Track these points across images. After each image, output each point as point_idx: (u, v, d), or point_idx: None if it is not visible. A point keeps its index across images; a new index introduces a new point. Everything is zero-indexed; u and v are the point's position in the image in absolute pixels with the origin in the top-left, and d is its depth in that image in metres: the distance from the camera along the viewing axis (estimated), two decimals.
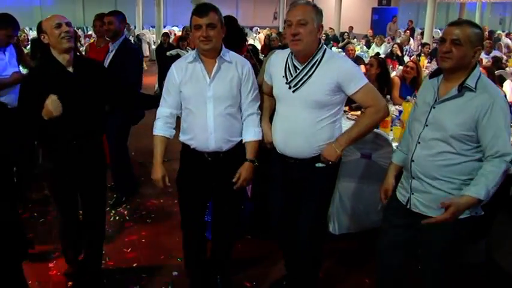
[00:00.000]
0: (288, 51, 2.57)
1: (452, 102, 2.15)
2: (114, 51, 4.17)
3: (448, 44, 2.10)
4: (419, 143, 2.26)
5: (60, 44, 2.57)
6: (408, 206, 2.34)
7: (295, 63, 2.49)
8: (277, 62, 2.59)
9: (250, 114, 2.68)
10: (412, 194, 2.32)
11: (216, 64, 2.55)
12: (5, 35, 3.90)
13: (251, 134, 2.67)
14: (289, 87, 2.48)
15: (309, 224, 2.66)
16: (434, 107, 2.21)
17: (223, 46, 2.60)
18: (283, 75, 2.52)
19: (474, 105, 2.07)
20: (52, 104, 2.49)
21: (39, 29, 2.71)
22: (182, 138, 2.69)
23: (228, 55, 2.60)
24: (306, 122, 2.48)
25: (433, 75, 2.30)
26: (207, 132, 2.57)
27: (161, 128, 2.67)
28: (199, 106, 2.57)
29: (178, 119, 2.73)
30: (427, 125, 2.23)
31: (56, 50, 2.61)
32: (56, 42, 2.57)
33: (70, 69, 2.64)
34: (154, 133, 2.69)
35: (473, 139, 2.11)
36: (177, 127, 2.72)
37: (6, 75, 3.87)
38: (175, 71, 2.62)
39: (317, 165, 2.54)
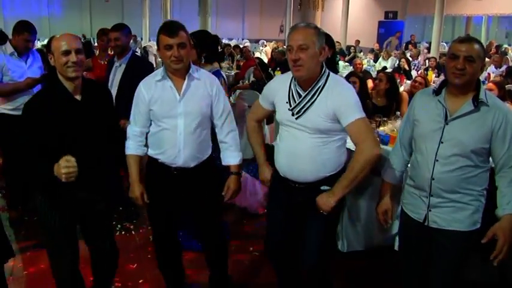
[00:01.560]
0: (289, 75, 2.50)
1: (468, 117, 2.18)
2: (124, 66, 4.07)
3: (461, 61, 2.12)
4: (437, 160, 2.23)
5: (65, 72, 2.34)
6: (426, 223, 2.34)
7: (298, 90, 2.41)
8: (279, 88, 2.51)
9: (229, 132, 2.74)
10: (430, 210, 2.31)
11: (186, 81, 2.57)
12: (23, 39, 3.98)
13: (236, 159, 2.76)
14: (292, 114, 2.42)
15: (316, 248, 2.58)
16: (447, 124, 2.21)
17: (191, 64, 2.62)
18: (287, 101, 2.44)
19: (490, 119, 2.15)
20: (66, 169, 2.19)
21: (48, 48, 2.48)
22: (150, 152, 2.70)
23: (196, 73, 2.62)
24: (309, 147, 2.41)
25: (438, 91, 2.29)
26: (176, 149, 2.60)
27: (133, 147, 2.69)
28: (171, 123, 2.58)
29: None
30: (442, 142, 2.22)
31: (61, 75, 2.39)
32: (61, 69, 2.35)
33: (78, 96, 2.42)
34: (126, 153, 2.69)
35: (487, 151, 2.20)
36: None
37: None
38: (143, 89, 2.62)
39: (322, 188, 2.45)
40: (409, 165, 2.54)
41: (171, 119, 2.58)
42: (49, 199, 2.48)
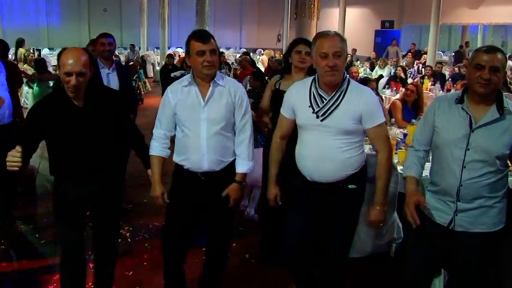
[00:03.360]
0: (308, 81, 2.65)
1: (494, 125, 2.26)
2: (116, 73, 4.25)
3: (487, 71, 2.19)
4: (464, 167, 2.31)
5: (67, 89, 2.48)
6: (451, 227, 2.40)
7: (321, 93, 2.55)
8: (299, 93, 2.65)
9: (243, 140, 2.77)
10: (456, 215, 2.39)
11: (211, 88, 2.65)
12: None
13: (244, 167, 2.78)
14: (317, 117, 2.53)
15: (342, 246, 2.74)
16: (473, 131, 2.28)
17: (217, 71, 2.71)
18: (309, 105, 2.56)
19: None
20: (10, 157, 2.26)
21: (58, 60, 2.53)
22: (176, 159, 2.77)
23: (221, 80, 2.69)
24: (335, 148, 2.54)
25: (461, 99, 2.35)
26: (200, 154, 2.66)
27: (157, 148, 2.76)
28: (194, 128, 2.65)
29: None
30: (468, 149, 2.30)
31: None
32: (64, 84, 2.48)
33: (79, 103, 2.54)
34: (150, 153, 2.78)
35: (508, 155, 2.31)
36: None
37: None
38: (170, 94, 2.71)
39: (350, 186, 2.60)
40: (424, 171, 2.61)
41: (194, 124, 2.65)
42: (57, 192, 2.71)
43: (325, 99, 2.53)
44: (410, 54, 14.37)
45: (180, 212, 2.80)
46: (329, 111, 2.51)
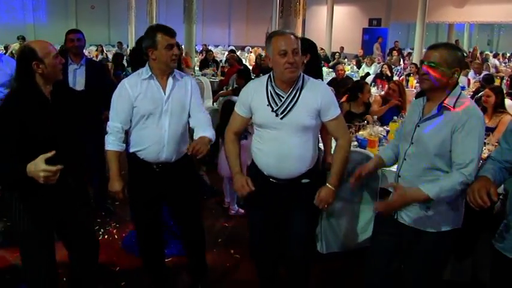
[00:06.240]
0: (263, 79, 2.64)
1: (432, 121, 2.26)
2: (84, 68, 4.24)
3: (423, 67, 2.24)
4: (405, 159, 2.38)
5: (58, 75, 2.46)
6: (396, 217, 2.43)
7: (278, 92, 2.55)
8: (256, 92, 2.62)
9: (206, 120, 2.84)
10: None
11: (171, 81, 2.73)
12: None
13: (209, 132, 2.72)
14: (276, 115, 2.53)
15: (303, 238, 2.74)
16: (418, 126, 2.32)
17: None
18: (267, 104, 2.55)
19: (451, 123, 2.18)
20: (42, 172, 2.08)
21: (30, 55, 2.37)
22: (132, 149, 2.80)
23: (178, 74, 2.80)
24: (295, 145, 2.56)
25: (419, 95, 2.43)
26: (160, 145, 2.73)
27: (114, 143, 2.75)
28: (156, 120, 2.71)
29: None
30: (412, 143, 2.34)
31: (45, 79, 2.41)
32: (54, 72, 2.43)
33: (49, 99, 2.46)
34: (107, 148, 2.76)
35: (450, 158, 2.21)
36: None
37: None
38: (129, 87, 2.72)
39: (303, 181, 2.64)
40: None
41: (156, 117, 2.71)
42: (26, 203, 2.45)
43: (283, 98, 2.53)
44: (395, 51, 14.46)
45: (143, 203, 2.86)
46: (288, 109, 2.52)
